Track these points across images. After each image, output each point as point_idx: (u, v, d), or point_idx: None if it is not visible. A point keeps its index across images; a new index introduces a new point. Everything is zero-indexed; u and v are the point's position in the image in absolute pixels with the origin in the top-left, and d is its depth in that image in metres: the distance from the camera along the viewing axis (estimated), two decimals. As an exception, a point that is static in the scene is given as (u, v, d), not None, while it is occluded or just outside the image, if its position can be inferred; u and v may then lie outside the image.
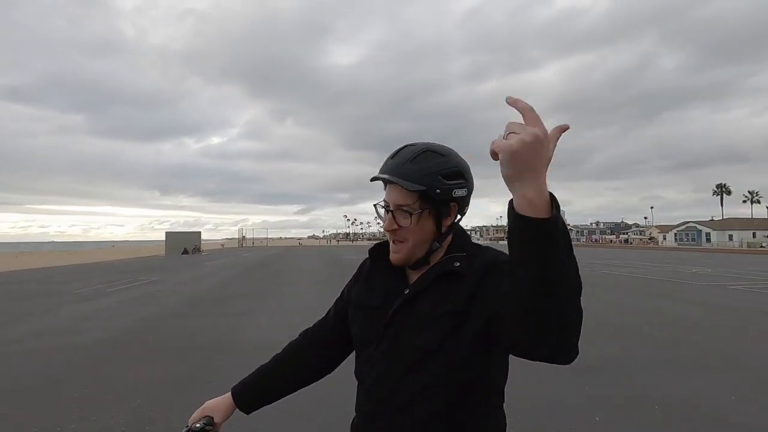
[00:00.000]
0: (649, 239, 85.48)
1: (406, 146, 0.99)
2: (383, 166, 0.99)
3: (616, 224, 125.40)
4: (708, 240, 70.68)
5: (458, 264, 0.96)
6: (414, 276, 1.03)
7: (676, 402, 3.83)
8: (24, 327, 7.36)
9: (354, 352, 1.12)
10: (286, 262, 26.39)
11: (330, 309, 1.24)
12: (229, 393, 1.18)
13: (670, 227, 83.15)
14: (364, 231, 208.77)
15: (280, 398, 1.18)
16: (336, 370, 1.24)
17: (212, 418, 1.13)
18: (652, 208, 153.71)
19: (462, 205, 1.00)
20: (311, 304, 9.54)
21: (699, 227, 74.31)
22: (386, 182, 0.99)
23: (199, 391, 4.15)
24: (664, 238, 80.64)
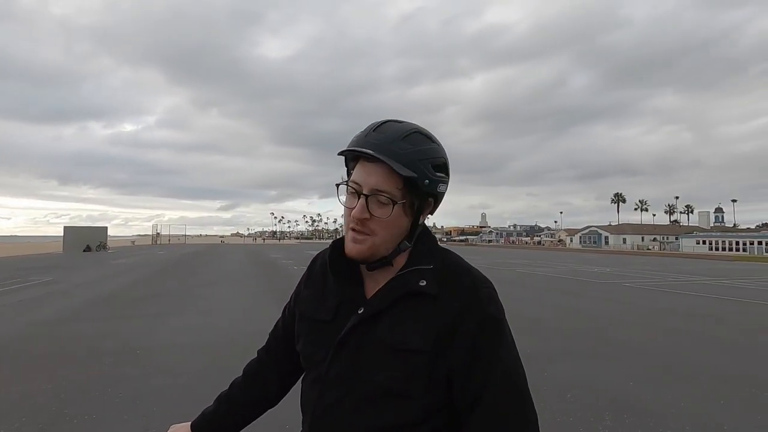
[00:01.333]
0: (558, 241, 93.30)
1: (388, 121, 0.83)
2: (361, 139, 0.81)
3: (531, 227, 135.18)
4: (607, 243, 78.97)
5: (424, 283, 0.81)
6: (370, 284, 0.86)
7: (582, 387, 4.16)
8: None
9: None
10: (207, 260, 24.92)
11: (278, 320, 1.06)
12: (189, 424, 1.04)
13: (576, 230, 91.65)
14: (291, 230, 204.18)
15: (247, 424, 1.04)
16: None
17: None
18: (561, 213, 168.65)
19: (436, 203, 0.87)
20: (234, 305, 9.06)
21: (600, 231, 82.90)
22: (361, 159, 0.81)
23: (97, 402, 3.72)
24: (571, 241, 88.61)
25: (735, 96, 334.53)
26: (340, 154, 0.83)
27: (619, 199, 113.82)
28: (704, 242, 63.92)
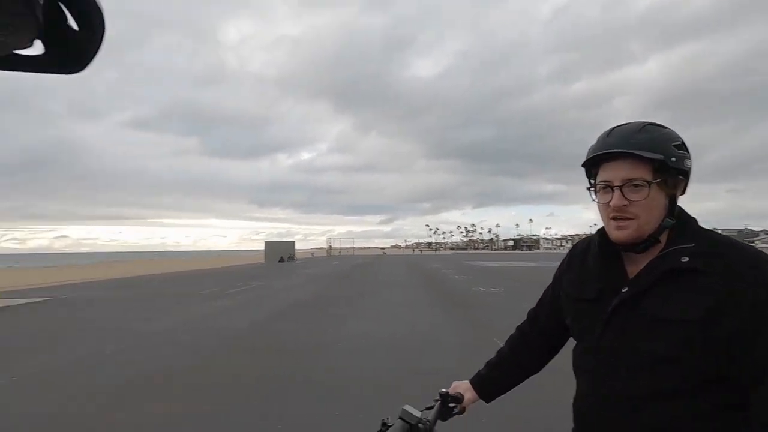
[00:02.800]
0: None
1: (620, 125, 0.95)
2: (599, 145, 0.94)
3: (739, 231, 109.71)
4: None
5: (686, 259, 0.85)
6: (631, 266, 0.95)
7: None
8: (163, 322, 8.76)
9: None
10: (375, 270, 27.31)
11: (543, 295, 1.23)
12: (468, 381, 1.28)
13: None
14: (446, 240, 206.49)
15: (513, 387, 1.26)
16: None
17: (462, 396, 1.25)
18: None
19: (687, 179, 0.93)
20: (402, 308, 9.98)
21: None
22: (603, 162, 0.92)
23: (305, 388, 4.75)
24: (803, 248, 68.70)
25: None
26: (584, 165, 0.96)
27: None
28: None
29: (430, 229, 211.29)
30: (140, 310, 10.48)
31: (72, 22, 0.26)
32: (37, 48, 0.27)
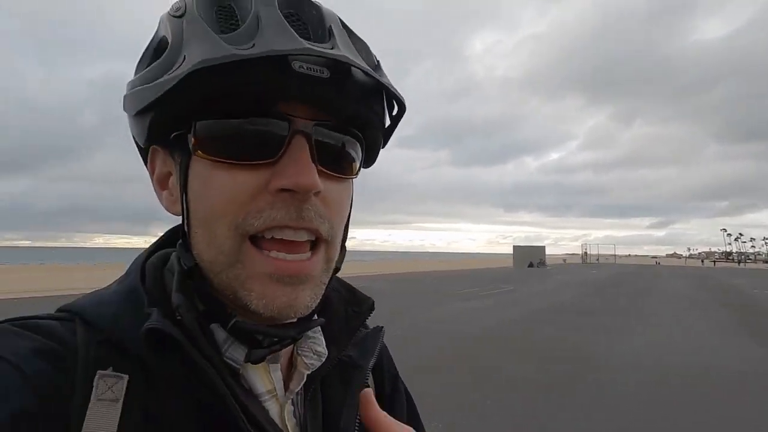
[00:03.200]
0: None
1: None
2: None
3: None
4: None
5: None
6: None
7: None
8: (425, 315, 9.90)
9: None
10: (645, 284, 23.42)
11: None
12: None
13: None
14: (757, 251, 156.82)
15: None
16: None
17: None
18: None
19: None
20: (686, 335, 8.25)
21: None
22: None
23: (565, 401, 4.52)
24: None
25: None
26: None
27: None
28: None
29: (729, 235, 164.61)
30: (417, 300, 12.18)
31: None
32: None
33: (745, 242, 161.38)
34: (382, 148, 0.46)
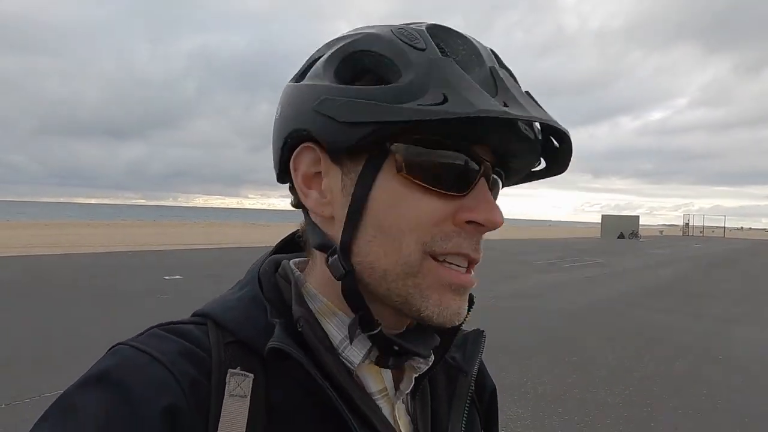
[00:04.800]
0: None
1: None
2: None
3: None
4: None
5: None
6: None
7: None
8: (505, 287, 9.22)
9: None
10: (767, 261, 20.23)
11: None
12: None
13: None
14: None
15: None
16: None
17: None
18: None
19: None
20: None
21: None
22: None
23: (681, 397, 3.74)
24: None
25: None
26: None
27: None
28: None
29: None
30: (486, 270, 11.54)
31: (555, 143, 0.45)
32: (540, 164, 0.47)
33: None
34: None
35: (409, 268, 0.40)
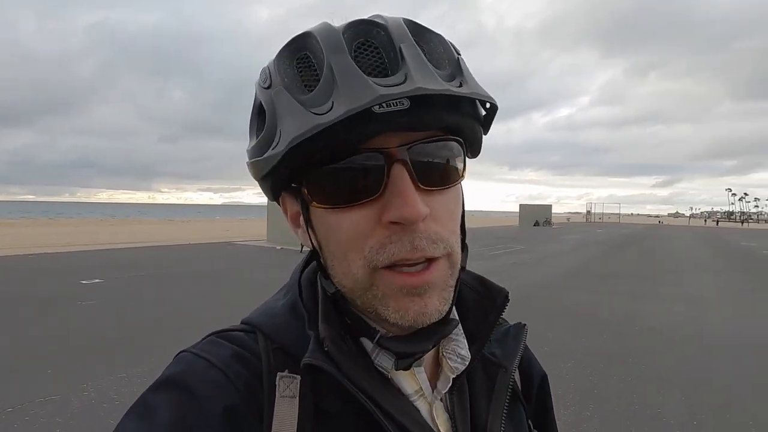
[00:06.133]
0: None
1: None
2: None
3: None
4: None
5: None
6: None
7: None
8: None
9: None
10: (655, 243, 23.14)
11: None
12: None
13: None
14: (760, 210, 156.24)
15: None
16: None
17: None
18: None
19: None
20: (707, 294, 7.95)
21: None
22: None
23: (625, 369, 4.21)
24: None
25: None
26: None
27: None
28: None
29: (733, 194, 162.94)
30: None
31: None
32: None
33: (749, 202, 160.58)
34: (484, 135, 0.46)
35: (362, 284, 0.41)
